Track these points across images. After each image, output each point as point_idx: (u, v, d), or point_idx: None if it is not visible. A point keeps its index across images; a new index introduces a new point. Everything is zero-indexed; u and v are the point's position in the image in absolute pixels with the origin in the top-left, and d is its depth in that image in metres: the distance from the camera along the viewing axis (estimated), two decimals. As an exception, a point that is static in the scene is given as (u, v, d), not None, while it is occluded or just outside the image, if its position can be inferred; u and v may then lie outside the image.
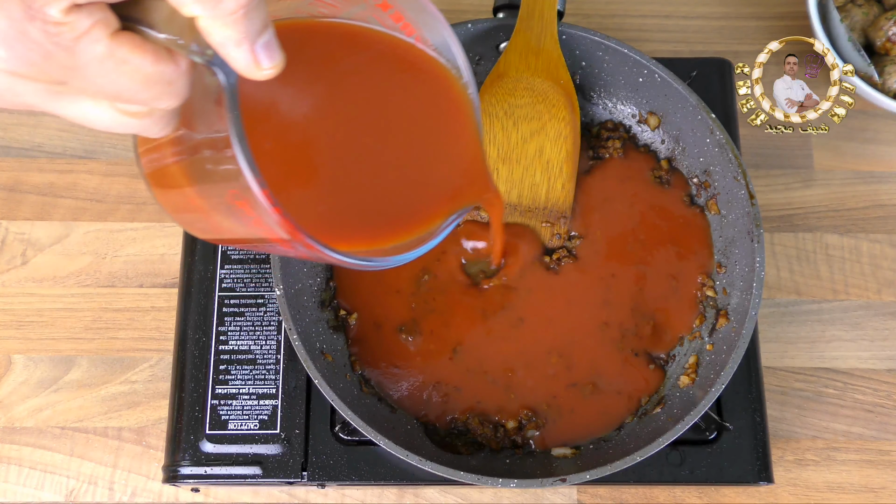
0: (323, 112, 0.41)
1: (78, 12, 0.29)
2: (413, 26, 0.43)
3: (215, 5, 0.30)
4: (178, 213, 0.40)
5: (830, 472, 0.68)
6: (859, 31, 0.76)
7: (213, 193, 0.36)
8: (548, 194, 0.66)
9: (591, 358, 0.64)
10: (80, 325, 0.71)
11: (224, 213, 0.37)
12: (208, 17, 0.30)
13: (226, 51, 0.31)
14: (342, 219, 0.41)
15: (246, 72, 0.32)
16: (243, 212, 0.35)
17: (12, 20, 0.29)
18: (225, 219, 0.37)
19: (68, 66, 0.30)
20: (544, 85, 0.66)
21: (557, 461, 0.61)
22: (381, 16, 0.42)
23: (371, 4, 0.42)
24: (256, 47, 0.32)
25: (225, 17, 0.30)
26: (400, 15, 0.42)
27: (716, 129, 0.65)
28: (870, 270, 0.73)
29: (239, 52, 0.31)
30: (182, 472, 0.61)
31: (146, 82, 0.31)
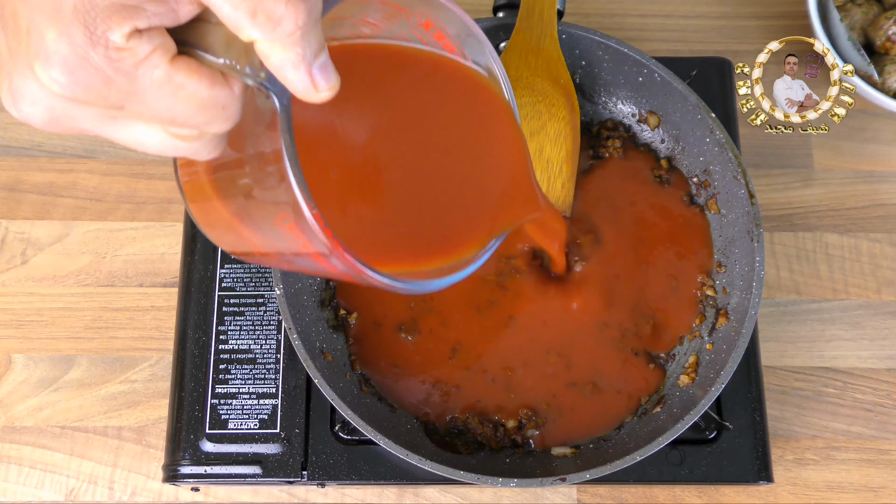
0: (372, 135, 0.41)
1: (139, 38, 0.30)
2: (454, 46, 0.43)
3: (274, 28, 0.30)
4: (213, 229, 0.40)
5: (830, 472, 0.68)
6: (859, 31, 0.76)
7: (259, 215, 0.36)
8: (548, 194, 0.66)
9: (590, 357, 0.64)
10: (80, 324, 0.71)
11: (268, 234, 0.36)
12: (267, 41, 0.30)
13: (284, 73, 0.31)
14: (390, 241, 0.41)
15: (304, 94, 0.32)
16: (291, 234, 0.35)
17: (74, 46, 0.29)
18: (268, 240, 0.37)
19: (127, 91, 0.31)
20: (544, 84, 0.66)
21: (557, 460, 0.61)
22: (423, 34, 0.42)
23: (414, 24, 0.42)
24: (314, 69, 0.32)
25: (284, 39, 0.30)
26: (442, 34, 0.42)
27: (716, 128, 0.65)
28: (869, 270, 0.73)
29: (297, 74, 0.31)
30: (182, 472, 0.61)
31: (201, 107, 0.32)
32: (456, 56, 0.44)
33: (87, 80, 0.30)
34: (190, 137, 0.33)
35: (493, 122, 0.46)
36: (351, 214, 0.40)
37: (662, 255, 0.66)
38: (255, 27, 0.30)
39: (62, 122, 0.32)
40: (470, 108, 0.45)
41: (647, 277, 0.65)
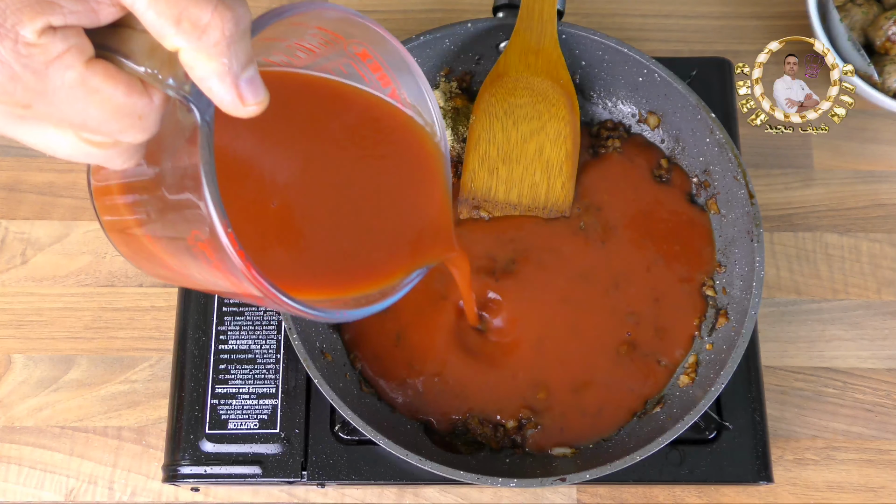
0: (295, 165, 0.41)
1: (52, 35, 0.29)
2: (390, 78, 0.43)
3: (199, 36, 0.29)
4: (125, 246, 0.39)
5: (830, 472, 0.68)
6: (859, 31, 0.76)
7: (173, 234, 0.35)
8: (547, 194, 0.66)
9: (591, 358, 0.63)
10: (80, 324, 0.71)
11: (180, 253, 0.35)
12: (192, 50, 0.29)
13: (208, 84, 0.30)
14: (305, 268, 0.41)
15: (230, 108, 0.31)
16: (204, 254, 0.34)
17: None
18: (180, 259, 0.36)
19: (35, 90, 0.29)
20: (544, 84, 0.66)
21: (557, 461, 0.61)
22: (360, 65, 0.42)
23: (351, 53, 0.41)
24: (241, 82, 0.30)
25: (209, 49, 0.29)
26: (378, 66, 0.42)
27: (716, 128, 0.65)
28: (869, 270, 0.73)
29: (222, 87, 0.30)
30: (182, 472, 0.61)
31: (116, 113, 0.30)
32: (391, 90, 0.43)
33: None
34: (103, 145, 0.32)
35: (418, 165, 0.46)
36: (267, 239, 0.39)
37: (664, 255, 0.66)
38: (179, 35, 0.29)
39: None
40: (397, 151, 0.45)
41: (648, 277, 0.65)
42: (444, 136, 0.46)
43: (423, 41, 0.67)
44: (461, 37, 0.68)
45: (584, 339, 0.64)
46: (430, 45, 0.67)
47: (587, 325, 0.64)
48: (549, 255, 0.66)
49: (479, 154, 0.66)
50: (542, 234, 0.66)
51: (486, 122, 0.66)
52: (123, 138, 0.32)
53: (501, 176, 0.67)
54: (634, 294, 0.65)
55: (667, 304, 0.65)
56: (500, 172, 0.66)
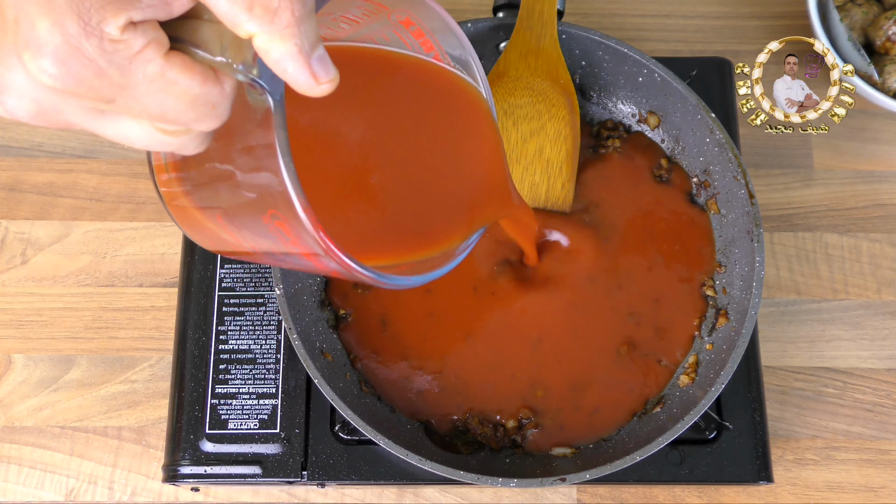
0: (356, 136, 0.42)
1: (133, 30, 0.29)
2: (433, 43, 0.44)
3: (271, 19, 0.30)
4: (194, 229, 0.40)
5: (830, 472, 0.68)
6: (859, 31, 0.76)
7: (246, 213, 0.36)
8: (547, 194, 0.66)
9: (592, 358, 0.63)
10: (80, 324, 0.71)
11: (255, 231, 0.36)
12: (265, 34, 0.30)
13: (284, 66, 0.31)
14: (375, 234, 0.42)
15: (305, 87, 0.32)
16: (280, 231, 0.35)
17: (68, 36, 0.29)
18: (255, 237, 0.37)
19: (120, 85, 0.30)
20: (544, 84, 0.66)
21: (557, 461, 0.61)
22: (403, 33, 0.43)
23: (394, 21, 0.42)
24: (313, 61, 0.31)
25: (282, 31, 0.30)
26: (421, 32, 0.43)
27: (716, 128, 0.65)
28: (869, 270, 0.73)
29: (297, 67, 0.31)
30: (182, 472, 0.61)
31: (192, 103, 0.31)
32: (434, 54, 0.44)
33: (79, 71, 0.29)
34: (177, 133, 0.33)
35: (470, 124, 0.47)
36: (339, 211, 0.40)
37: (664, 255, 0.66)
38: (252, 20, 0.30)
39: (49, 115, 0.32)
40: (449, 111, 0.46)
41: (649, 277, 0.65)
42: (489, 95, 0.46)
43: (423, 41, 0.67)
44: (461, 37, 0.68)
45: (586, 338, 0.64)
46: (430, 45, 0.67)
47: (589, 325, 0.64)
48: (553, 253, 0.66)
49: (479, 154, 0.66)
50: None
51: (486, 122, 0.66)
52: (198, 127, 0.33)
53: (501, 176, 0.66)
54: (636, 294, 0.65)
55: (667, 304, 0.65)
56: (500, 172, 0.66)
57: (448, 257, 0.45)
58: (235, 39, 0.31)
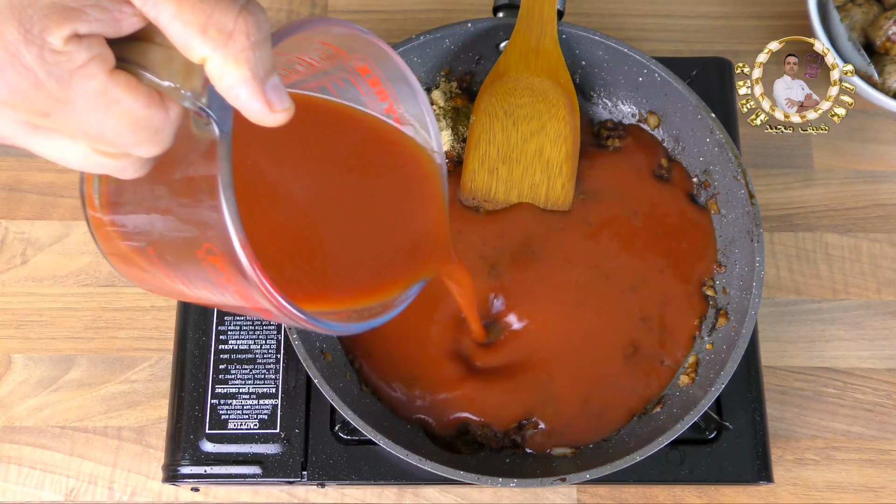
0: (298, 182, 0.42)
1: (78, 43, 0.28)
2: (388, 93, 0.43)
3: (225, 43, 0.29)
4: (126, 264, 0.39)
5: (830, 472, 0.68)
6: (859, 31, 0.76)
7: (182, 247, 0.35)
8: (547, 194, 0.66)
9: (593, 358, 0.63)
10: (80, 324, 0.71)
11: (188, 267, 0.35)
12: (219, 58, 0.29)
13: (237, 93, 0.30)
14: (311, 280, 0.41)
15: (258, 115, 0.31)
16: (215, 267, 0.34)
17: (6, 42, 0.27)
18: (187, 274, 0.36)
19: (57, 99, 0.29)
20: (544, 84, 0.66)
21: (557, 461, 0.61)
22: (359, 80, 0.42)
23: (350, 68, 0.41)
24: (267, 89, 0.30)
25: (237, 55, 0.29)
26: (377, 81, 0.42)
27: (716, 128, 0.65)
28: (870, 270, 0.73)
29: (251, 94, 0.30)
30: (182, 472, 0.61)
31: (134, 126, 0.30)
32: (388, 104, 0.44)
33: (14, 81, 0.28)
34: (116, 156, 0.32)
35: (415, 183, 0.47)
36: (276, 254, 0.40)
37: (666, 255, 0.66)
38: (206, 43, 0.29)
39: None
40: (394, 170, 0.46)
41: (650, 277, 0.65)
42: (441, 150, 0.46)
43: (423, 41, 0.67)
44: (461, 37, 0.68)
45: (587, 338, 0.64)
46: (430, 45, 0.67)
47: (589, 325, 0.64)
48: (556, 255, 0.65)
49: (479, 154, 0.66)
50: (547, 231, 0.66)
51: (486, 122, 0.66)
52: (137, 152, 0.31)
53: (501, 176, 0.66)
54: (647, 297, 0.65)
55: (670, 305, 0.65)
56: (500, 172, 0.66)
57: (387, 308, 0.44)
58: (185, 65, 0.30)
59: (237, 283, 0.33)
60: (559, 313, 0.64)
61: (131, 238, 0.37)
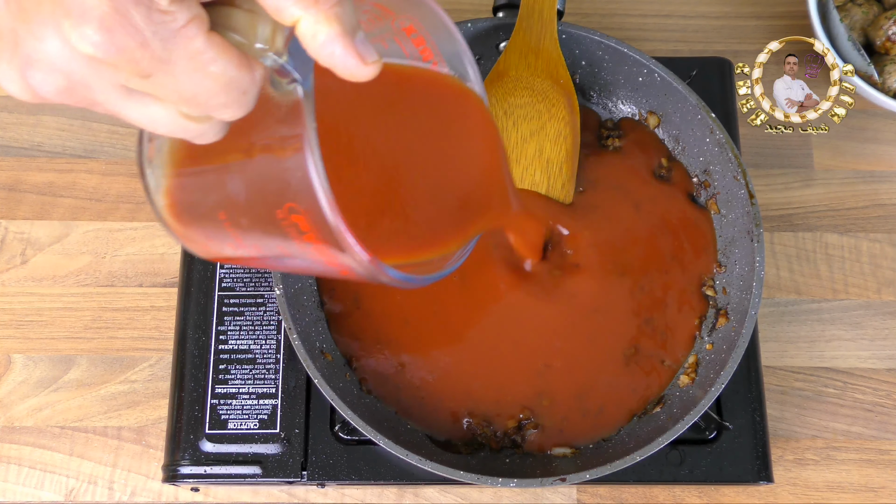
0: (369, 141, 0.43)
1: (180, 4, 0.29)
2: (433, 52, 0.44)
3: (315, 2, 0.30)
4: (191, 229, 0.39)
5: (830, 472, 0.68)
6: (859, 31, 0.76)
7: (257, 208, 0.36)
8: (547, 194, 0.66)
9: (600, 362, 0.63)
10: (80, 324, 0.71)
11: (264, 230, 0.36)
12: (311, 16, 0.30)
13: (331, 49, 0.31)
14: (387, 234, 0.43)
15: (353, 69, 0.32)
16: (296, 227, 0.34)
17: (116, 3, 0.28)
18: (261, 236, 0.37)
19: (160, 59, 0.30)
20: (544, 84, 0.66)
21: (557, 461, 0.61)
22: (404, 40, 0.43)
23: (396, 28, 0.42)
24: (357, 43, 0.31)
25: (327, 12, 0.30)
26: (422, 40, 0.43)
27: (716, 128, 0.65)
28: (870, 270, 0.73)
29: (345, 49, 0.31)
30: (182, 472, 0.61)
31: (226, 87, 0.31)
32: (432, 62, 0.45)
33: (123, 40, 0.29)
34: (200, 119, 0.33)
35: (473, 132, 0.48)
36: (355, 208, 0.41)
37: (667, 255, 0.66)
38: (296, 4, 0.30)
39: (76, 91, 0.31)
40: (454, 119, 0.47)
41: (651, 277, 0.65)
42: (486, 97, 0.47)
43: (423, 41, 0.67)
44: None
45: (588, 338, 0.64)
46: (430, 45, 0.67)
47: (590, 325, 0.64)
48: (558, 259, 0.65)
49: (479, 154, 0.66)
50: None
51: (486, 122, 0.66)
52: (223, 114, 0.32)
53: (501, 176, 0.66)
54: (650, 296, 0.65)
55: (672, 305, 0.65)
56: (500, 172, 0.66)
57: (447, 260, 0.46)
58: (270, 27, 0.31)
59: (320, 239, 0.34)
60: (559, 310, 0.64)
61: (198, 202, 0.38)
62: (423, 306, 0.64)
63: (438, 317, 0.64)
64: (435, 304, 0.64)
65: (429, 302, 0.64)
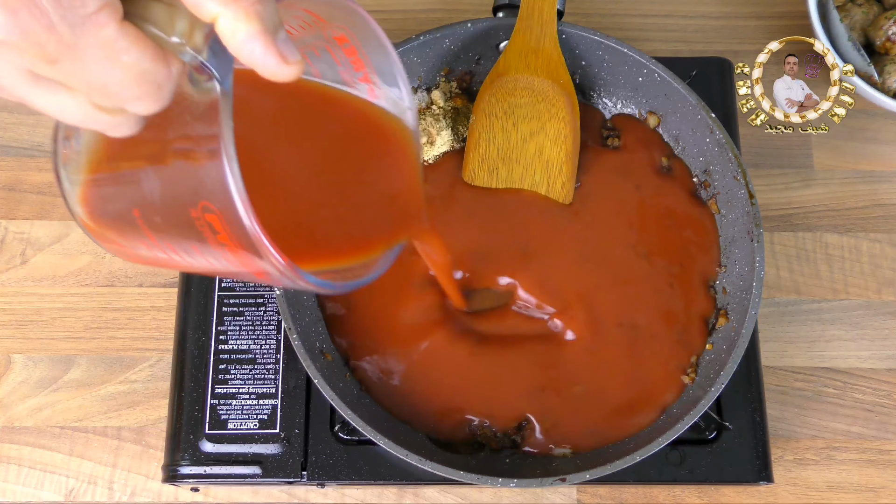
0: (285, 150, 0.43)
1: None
2: (364, 63, 0.44)
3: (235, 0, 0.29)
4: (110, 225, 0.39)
5: (830, 472, 0.68)
6: (859, 31, 0.76)
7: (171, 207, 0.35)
8: (547, 194, 0.66)
9: (595, 358, 0.63)
10: (80, 324, 0.71)
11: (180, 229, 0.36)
12: (230, 13, 0.30)
13: (251, 48, 0.30)
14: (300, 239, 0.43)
15: (273, 68, 0.31)
16: (210, 226, 0.34)
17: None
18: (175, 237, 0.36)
19: (68, 45, 0.29)
20: (544, 84, 0.66)
21: (557, 461, 0.61)
22: (335, 49, 0.43)
23: (328, 37, 0.42)
24: (279, 42, 0.31)
25: (247, 9, 0.30)
26: (354, 50, 0.43)
27: (716, 128, 0.64)
28: (870, 270, 0.73)
29: (265, 48, 0.30)
30: (182, 472, 0.61)
31: (139, 78, 0.30)
32: (363, 72, 0.45)
33: (28, 22, 0.28)
34: (113, 111, 0.32)
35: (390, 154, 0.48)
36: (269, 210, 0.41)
37: (667, 254, 0.65)
38: (215, 0, 0.29)
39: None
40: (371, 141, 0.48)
41: (651, 277, 0.65)
42: (415, 118, 0.48)
43: (423, 41, 0.67)
44: (461, 37, 0.68)
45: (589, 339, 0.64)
46: (430, 45, 0.67)
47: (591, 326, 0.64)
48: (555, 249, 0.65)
49: (479, 154, 0.66)
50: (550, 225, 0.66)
51: (486, 122, 0.66)
52: (137, 107, 0.31)
53: (501, 176, 0.66)
54: (639, 294, 0.64)
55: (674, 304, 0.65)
56: (500, 172, 0.66)
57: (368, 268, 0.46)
58: (189, 22, 0.30)
59: (234, 240, 0.34)
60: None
61: (113, 201, 0.38)
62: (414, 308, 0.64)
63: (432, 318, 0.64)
64: (427, 305, 0.64)
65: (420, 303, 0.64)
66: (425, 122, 0.67)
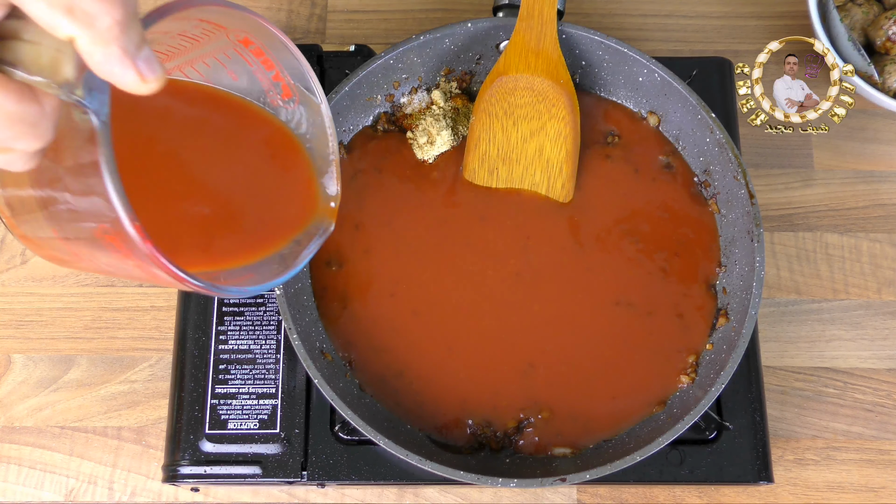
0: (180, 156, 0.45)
1: None
2: (273, 62, 0.46)
3: (91, 23, 0.29)
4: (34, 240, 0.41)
5: (830, 472, 0.68)
6: (859, 31, 0.76)
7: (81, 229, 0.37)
8: (547, 194, 0.66)
9: (595, 358, 0.63)
10: (80, 324, 0.71)
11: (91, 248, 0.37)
12: (86, 37, 0.30)
13: (109, 68, 0.31)
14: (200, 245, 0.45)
15: (133, 85, 0.32)
16: (112, 245, 0.36)
17: None
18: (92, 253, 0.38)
19: None
20: (544, 84, 0.66)
21: (557, 461, 0.61)
22: (243, 51, 0.44)
23: (233, 41, 0.43)
24: (138, 61, 0.31)
25: (104, 34, 0.30)
26: (261, 51, 0.45)
27: (716, 128, 0.64)
28: (870, 270, 0.73)
29: (122, 68, 0.31)
30: (182, 472, 0.61)
31: (8, 121, 0.31)
32: (274, 71, 0.46)
33: None
34: (2, 150, 0.33)
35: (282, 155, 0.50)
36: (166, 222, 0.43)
37: (667, 254, 0.66)
38: (72, 23, 0.29)
39: None
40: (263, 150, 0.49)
41: (651, 277, 0.65)
42: (327, 111, 0.49)
43: (423, 41, 0.67)
44: (461, 37, 0.68)
45: (590, 339, 0.64)
46: (430, 45, 0.67)
47: (593, 326, 0.64)
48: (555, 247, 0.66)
49: (478, 154, 0.66)
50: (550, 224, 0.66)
51: (486, 122, 0.66)
52: (19, 146, 0.32)
53: (501, 176, 0.66)
54: (639, 294, 0.65)
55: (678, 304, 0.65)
56: (500, 172, 0.66)
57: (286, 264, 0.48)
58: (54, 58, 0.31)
59: (135, 257, 0.36)
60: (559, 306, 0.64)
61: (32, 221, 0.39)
62: (411, 309, 0.64)
63: (431, 319, 0.64)
64: (424, 307, 0.64)
65: (418, 304, 0.64)
66: (425, 122, 0.67)
